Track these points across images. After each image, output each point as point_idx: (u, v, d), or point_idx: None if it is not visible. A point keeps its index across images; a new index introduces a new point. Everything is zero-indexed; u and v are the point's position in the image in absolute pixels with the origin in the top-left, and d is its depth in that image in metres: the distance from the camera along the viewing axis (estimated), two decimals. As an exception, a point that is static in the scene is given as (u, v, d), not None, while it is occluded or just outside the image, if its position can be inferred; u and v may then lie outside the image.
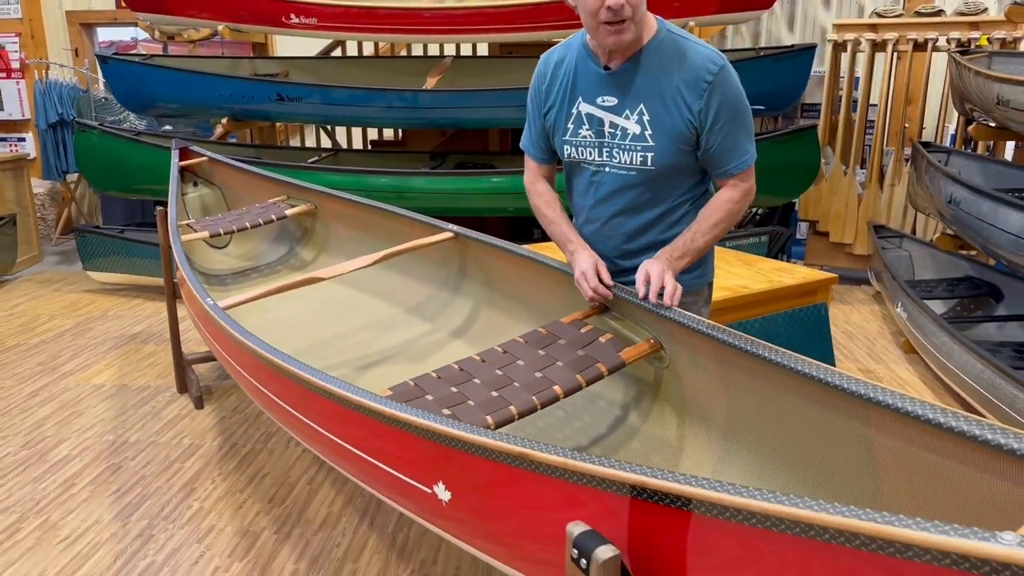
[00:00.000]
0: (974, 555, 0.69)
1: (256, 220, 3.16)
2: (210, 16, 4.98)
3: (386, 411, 1.30)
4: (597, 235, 1.83)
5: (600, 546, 0.95)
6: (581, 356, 1.68)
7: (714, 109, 1.61)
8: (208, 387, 3.57)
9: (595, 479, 1.03)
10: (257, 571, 2.28)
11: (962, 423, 0.94)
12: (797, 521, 0.83)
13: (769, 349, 1.31)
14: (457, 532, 1.33)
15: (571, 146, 1.77)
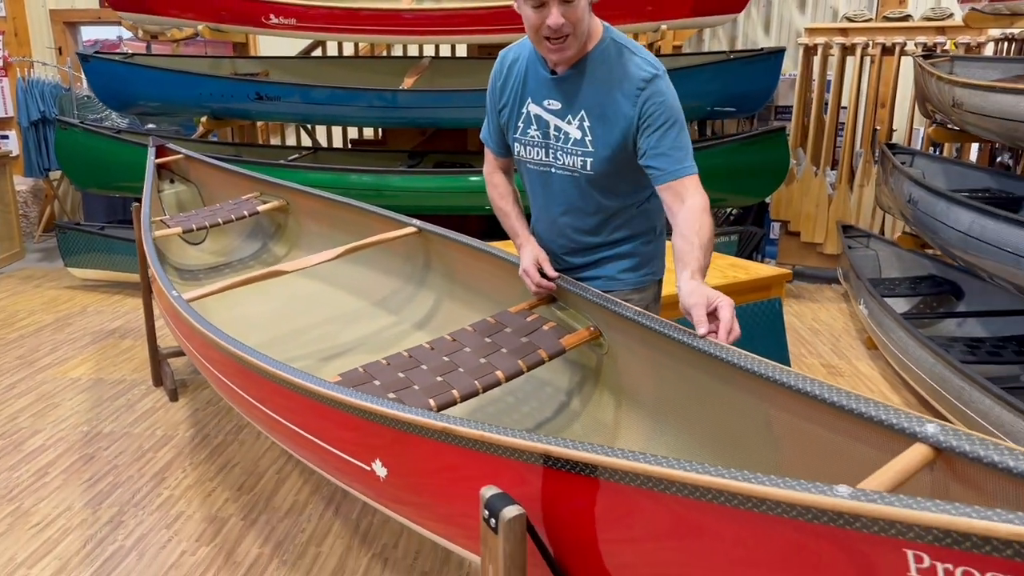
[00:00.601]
0: (815, 505, 0.78)
1: (228, 216, 3.23)
2: (191, 16, 5.04)
3: (326, 393, 1.37)
4: (548, 232, 1.90)
5: (507, 506, 1.03)
6: (524, 343, 1.77)
7: (649, 114, 1.62)
8: (183, 380, 3.63)
9: (510, 450, 1.11)
10: (223, 555, 2.35)
11: (835, 396, 1.03)
12: (681, 483, 0.91)
13: (687, 334, 1.40)
14: (394, 506, 1.41)
15: (520, 144, 1.82)
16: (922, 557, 0.72)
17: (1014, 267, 2.74)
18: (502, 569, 1.03)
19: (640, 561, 1.02)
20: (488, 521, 1.04)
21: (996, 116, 3.20)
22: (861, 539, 0.76)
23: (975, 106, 3.42)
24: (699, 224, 1.56)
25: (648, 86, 1.63)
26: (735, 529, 0.88)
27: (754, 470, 1.27)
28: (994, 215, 2.91)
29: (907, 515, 0.71)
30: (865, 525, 0.75)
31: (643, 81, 1.63)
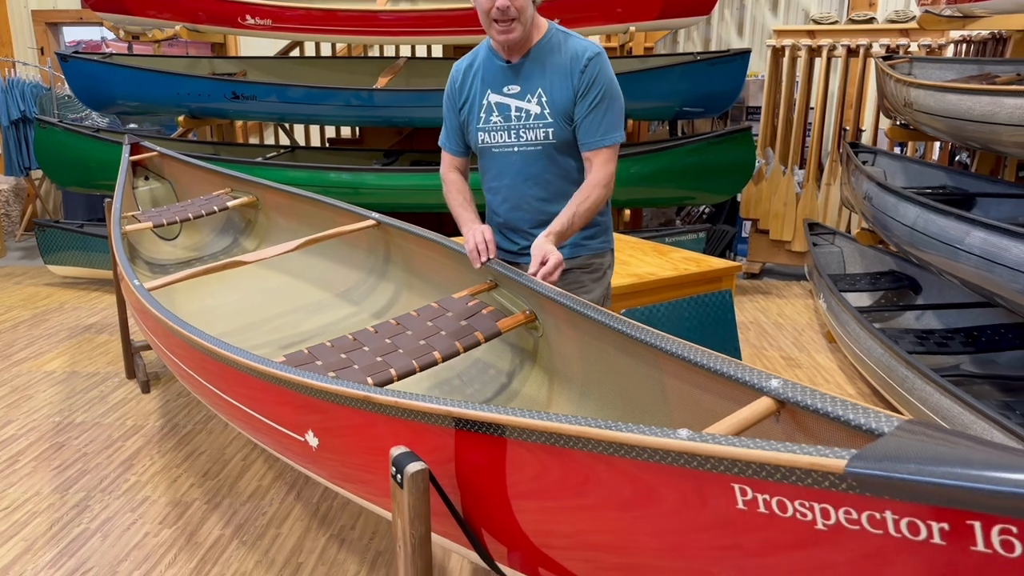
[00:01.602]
0: (660, 447, 0.87)
1: (199, 211, 3.31)
2: (168, 16, 5.11)
3: (262, 369, 1.46)
4: (513, 212, 2.06)
5: (412, 462, 1.12)
6: (463, 326, 1.86)
7: (585, 85, 1.89)
8: (156, 373, 3.71)
9: (423, 414, 1.20)
10: (184, 537, 2.43)
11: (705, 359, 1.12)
12: (558, 434, 1.00)
13: (607, 315, 1.49)
14: (326, 474, 1.49)
15: (484, 132, 2.01)
16: (746, 490, 0.82)
17: (953, 260, 2.85)
18: (407, 520, 1.12)
19: (534, 506, 1.11)
20: (395, 477, 1.13)
21: (942, 115, 3.31)
22: (699, 476, 0.85)
23: (925, 105, 3.53)
24: (584, 196, 1.91)
25: (590, 63, 1.90)
26: (601, 472, 0.97)
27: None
28: (936, 210, 3.02)
29: (729, 452, 0.80)
30: (700, 463, 0.84)
31: (587, 58, 1.91)
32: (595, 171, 1.93)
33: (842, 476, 0.73)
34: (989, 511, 0.65)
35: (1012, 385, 3.06)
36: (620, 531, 1.00)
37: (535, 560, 1.17)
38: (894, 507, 0.71)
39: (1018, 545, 0.65)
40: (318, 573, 2.25)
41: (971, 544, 0.68)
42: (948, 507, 0.67)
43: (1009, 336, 3.39)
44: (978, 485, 0.65)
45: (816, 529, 0.77)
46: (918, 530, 0.70)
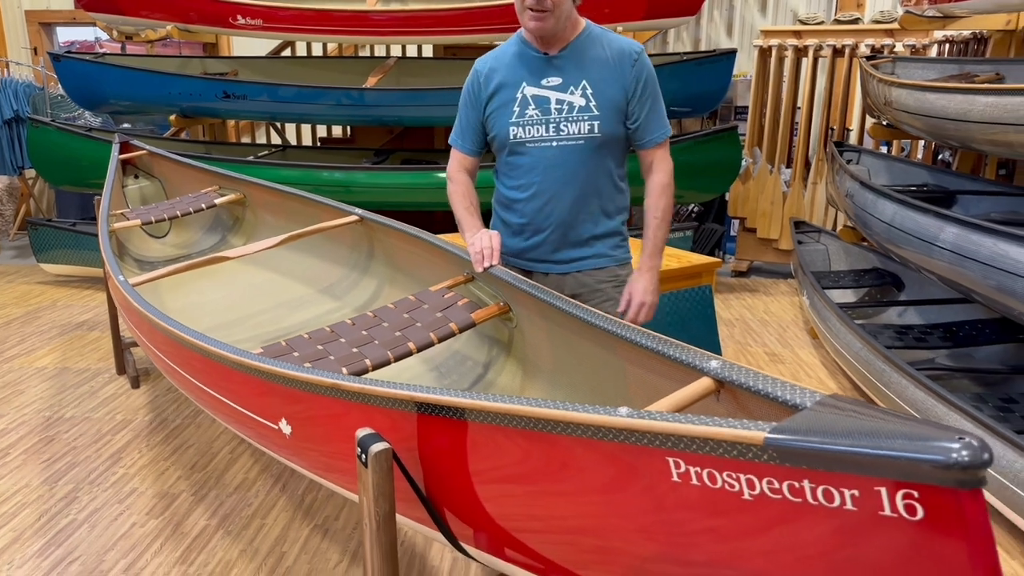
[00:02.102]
0: (603, 424, 0.92)
1: (187, 208, 3.35)
2: (160, 16, 5.15)
3: (237, 359, 1.50)
4: (543, 210, 1.98)
5: (376, 443, 1.16)
6: (439, 318, 1.90)
7: (640, 81, 1.90)
8: (146, 369, 3.75)
9: (388, 399, 1.24)
10: (171, 527, 2.48)
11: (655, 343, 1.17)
12: (513, 415, 1.04)
13: (573, 305, 1.54)
14: (300, 461, 1.54)
15: (518, 126, 1.94)
16: (680, 463, 0.86)
17: (928, 255, 2.90)
18: (371, 498, 1.16)
19: (494, 486, 1.16)
20: (360, 457, 1.18)
21: (920, 113, 3.36)
22: (638, 451, 0.90)
23: (904, 104, 3.58)
24: (661, 201, 1.98)
25: (639, 58, 1.92)
26: (551, 452, 1.02)
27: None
28: (912, 206, 3.07)
29: (661, 426, 0.85)
30: (638, 439, 0.89)
31: (635, 54, 1.91)
32: (659, 170, 1.96)
33: (763, 447, 0.77)
34: (892, 477, 0.70)
35: (987, 379, 3.11)
36: (570, 508, 1.04)
37: (499, 540, 1.22)
38: (811, 476, 0.75)
39: (920, 509, 0.70)
40: (301, 562, 2.30)
41: (879, 509, 0.72)
42: (857, 474, 0.72)
43: (986, 331, 3.44)
44: (882, 452, 0.69)
45: (743, 499, 0.82)
46: (832, 497, 0.75)
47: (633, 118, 1.92)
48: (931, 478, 0.67)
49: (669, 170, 1.98)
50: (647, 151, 1.97)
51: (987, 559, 0.68)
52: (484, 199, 2.09)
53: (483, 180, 2.13)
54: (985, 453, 0.65)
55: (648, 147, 1.97)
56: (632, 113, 1.92)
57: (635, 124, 1.93)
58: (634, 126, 1.93)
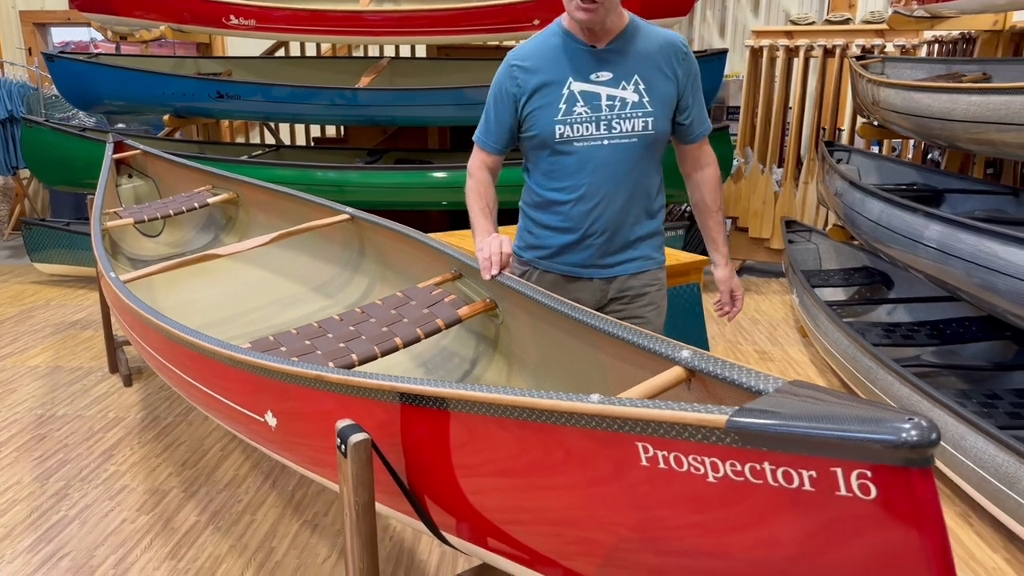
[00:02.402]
0: (575, 411, 0.94)
1: (180, 208, 3.37)
2: (154, 16, 5.17)
3: (222, 352, 1.52)
4: (588, 215, 1.86)
5: (355, 433, 1.18)
6: (425, 314, 1.92)
7: (690, 75, 1.86)
8: (138, 367, 3.76)
9: (371, 391, 1.26)
10: (161, 523, 2.49)
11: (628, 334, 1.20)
12: (492, 404, 1.07)
13: (549, 297, 1.56)
14: (285, 453, 1.56)
15: (565, 125, 1.81)
16: (648, 447, 0.88)
17: (913, 253, 2.92)
18: (351, 488, 1.18)
19: (475, 475, 1.18)
20: (340, 448, 1.20)
21: (907, 113, 3.39)
22: (609, 437, 0.92)
23: (891, 104, 3.61)
24: (717, 195, 1.99)
25: (687, 51, 1.87)
26: (528, 438, 1.04)
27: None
28: (898, 204, 3.09)
29: (630, 412, 0.87)
30: (609, 424, 0.91)
31: (683, 46, 1.87)
32: (709, 163, 1.96)
33: (725, 431, 0.79)
34: (847, 457, 0.72)
35: (972, 375, 3.14)
36: (547, 495, 1.06)
37: (479, 529, 1.24)
38: (771, 458, 0.78)
39: (873, 488, 0.72)
40: (290, 557, 2.31)
41: (836, 489, 0.74)
42: (814, 455, 0.74)
43: (973, 329, 3.47)
44: (836, 433, 0.72)
45: (708, 482, 0.84)
46: (792, 478, 0.77)
47: (685, 113, 1.87)
48: (882, 458, 0.70)
49: (716, 162, 1.99)
50: (695, 145, 1.94)
51: (936, 536, 0.71)
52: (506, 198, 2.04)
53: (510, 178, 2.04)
54: (933, 433, 0.68)
55: (697, 141, 1.94)
56: (684, 108, 1.86)
57: (687, 119, 1.88)
58: (687, 121, 1.88)
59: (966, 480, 2.48)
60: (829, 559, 0.78)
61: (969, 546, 2.37)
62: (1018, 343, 3.29)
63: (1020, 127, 2.45)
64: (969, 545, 2.37)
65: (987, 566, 2.27)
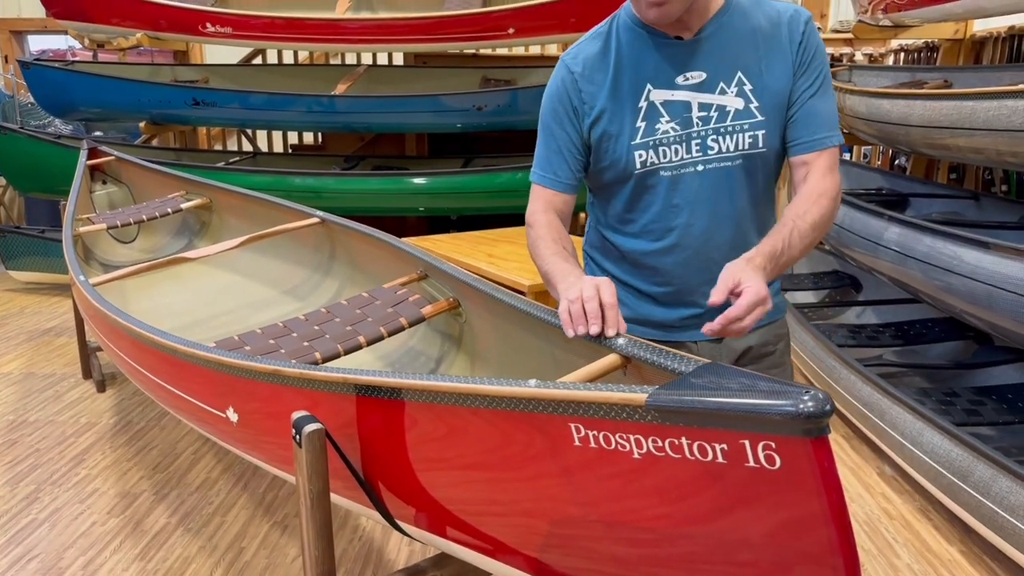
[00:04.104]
0: (514, 396, 0.98)
1: (153, 213, 3.39)
2: (130, 24, 5.18)
3: (182, 349, 1.55)
4: (686, 267, 1.40)
5: (309, 423, 1.22)
6: (389, 313, 1.96)
7: (809, 57, 1.34)
8: (112, 373, 3.76)
9: (327, 383, 1.30)
10: (131, 525, 2.50)
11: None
12: (439, 392, 1.10)
13: (507, 294, 1.60)
14: (247, 448, 1.59)
15: (647, 149, 1.35)
16: (580, 428, 0.93)
17: (874, 255, 3.00)
18: (306, 477, 1.22)
19: (430, 465, 1.22)
20: (295, 438, 1.23)
21: (869, 119, 3.48)
22: (546, 419, 0.96)
23: (856, 110, 3.70)
24: (804, 208, 1.29)
25: (808, 27, 1.35)
26: (474, 424, 1.08)
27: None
28: (858, 208, 3.17)
29: (563, 394, 0.91)
30: (545, 407, 0.95)
31: (804, 22, 1.35)
32: (816, 178, 1.32)
33: (646, 408, 0.84)
34: (752, 430, 0.77)
35: (933, 375, 3.21)
36: (490, 480, 1.11)
37: (433, 517, 1.28)
38: (687, 433, 0.82)
39: (778, 458, 0.77)
40: (259, 557, 2.33)
41: (744, 461, 0.79)
42: (724, 429, 0.79)
43: (936, 329, 3.55)
44: (741, 406, 0.76)
45: (633, 458, 0.88)
46: (706, 452, 0.82)
47: (795, 105, 1.34)
48: (782, 428, 0.74)
49: (836, 185, 1.33)
50: (802, 157, 1.34)
51: (836, 503, 0.75)
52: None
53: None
54: (827, 404, 0.72)
55: (804, 151, 1.33)
56: (794, 99, 1.34)
57: (792, 116, 1.34)
58: (795, 118, 1.34)
59: (924, 475, 2.55)
60: (744, 529, 0.82)
61: (926, 539, 2.43)
62: (978, 343, 3.38)
63: (970, 131, 2.53)
64: (926, 538, 2.43)
65: (943, 558, 2.33)
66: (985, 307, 2.39)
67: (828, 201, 1.31)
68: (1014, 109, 2.37)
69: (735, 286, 1.11)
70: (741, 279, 1.11)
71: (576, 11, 4.97)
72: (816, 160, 1.33)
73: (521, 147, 5.77)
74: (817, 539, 0.77)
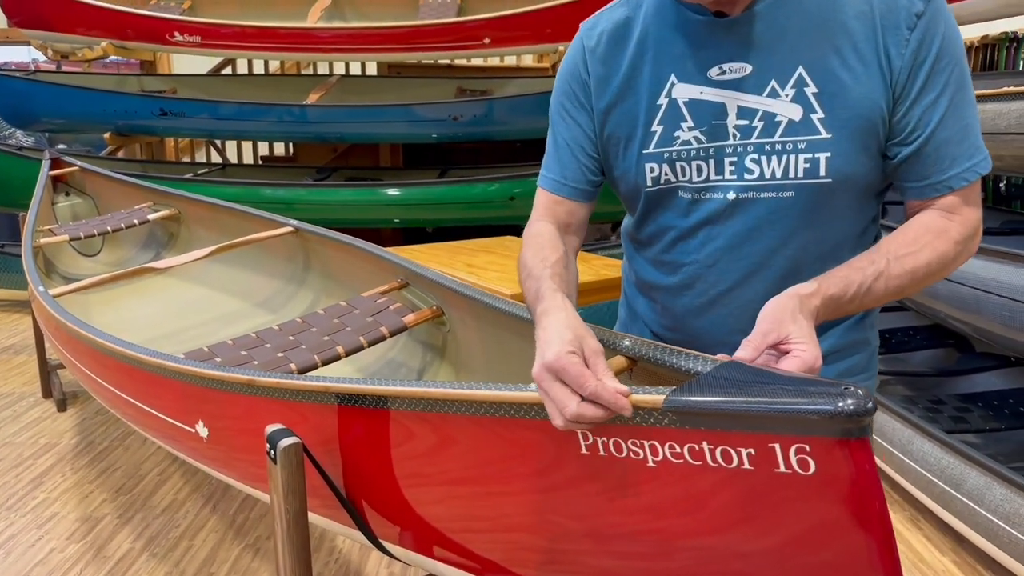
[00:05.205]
0: (518, 401, 0.90)
1: (118, 224, 3.26)
2: (96, 33, 5.05)
3: (150, 360, 1.45)
4: (701, 315, 1.07)
5: (285, 437, 1.12)
6: (369, 322, 1.87)
7: (929, 56, 0.92)
8: (73, 391, 3.60)
9: (306, 393, 1.21)
10: (92, 551, 2.36)
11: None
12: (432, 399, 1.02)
13: (494, 298, 1.53)
14: (218, 465, 1.48)
15: (659, 163, 1.02)
16: (587, 435, 0.85)
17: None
18: (282, 496, 1.12)
19: (420, 480, 1.13)
20: (269, 454, 1.14)
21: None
22: (549, 427, 0.88)
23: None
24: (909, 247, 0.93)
25: (928, 8, 0.92)
26: (471, 432, 0.99)
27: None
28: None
29: (567, 397, 0.83)
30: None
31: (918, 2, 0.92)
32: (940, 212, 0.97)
33: (663, 411, 0.77)
34: (784, 432, 0.70)
35: (917, 382, 3.19)
36: (490, 495, 1.02)
37: (424, 537, 1.19)
38: (709, 437, 0.75)
39: (812, 463, 0.70)
40: (230, 582, 2.21)
41: (774, 467, 0.72)
42: (751, 432, 0.72)
43: (918, 337, 3.54)
44: (773, 406, 0.69)
45: (648, 466, 0.81)
46: (731, 458, 0.74)
47: (903, 135, 0.95)
48: (818, 429, 0.67)
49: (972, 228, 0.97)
50: (926, 202, 0.98)
51: (878, 513, 0.68)
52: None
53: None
54: (869, 401, 0.66)
55: (929, 195, 0.97)
56: (902, 126, 0.94)
57: (912, 144, 0.95)
58: (907, 149, 0.95)
59: (914, 484, 2.51)
60: (772, 542, 0.75)
61: (918, 549, 2.38)
62: (960, 350, 3.37)
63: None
64: (918, 548, 2.38)
65: (936, 568, 2.28)
66: (973, 311, 2.36)
67: (948, 245, 0.93)
68: (997, 112, 2.37)
69: (778, 341, 0.80)
70: (790, 334, 0.79)
71: (552, 21, 4.95)
72: (952, 202, 0.96)
73: (498, 158, 5.72)
74: (856, 553, 0.69)
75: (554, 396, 0.78)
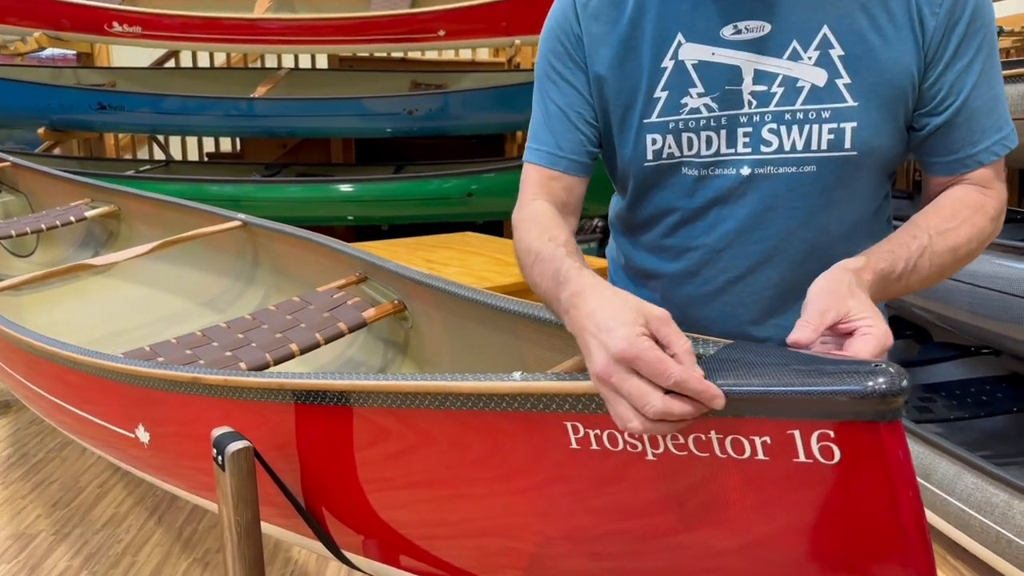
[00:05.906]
0: (497, 391, 0.82)
1: (53, 222, 3.06)
2: (29, 23, 4.78)
3: (85, 360, 1.32)
4: (707, 304, 0.98)
5: (234, 442, 1.01)
6: (326, 318, 1.76)
7: (963, 24, 0.85)
8: (6, 401, 3.38)
9: (258, 391, 1.10)
10: (27, 570, 2.19)
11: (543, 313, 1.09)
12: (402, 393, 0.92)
13: (462, 287, 1.44)
14: (161, 475, 1.36)
15: (663, 134, 0.92)
16: (578, 427, 0.77)
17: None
18: (231, 506, 1.01)
19: (382, 480, 1.03)
20: (216, 460, 1.02)
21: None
22: (534, 419, 0.80)
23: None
24: (950, 222, 0.86)
25: None
26: (444, 429, 0.90)
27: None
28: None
29: (558, 387, 0.75)
30: (534, 404, 0.79)
31: None
32: (972, 187, 0.91)
33: (665, 398, 0.68)
34: (805, 417, 0.62)
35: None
36: (465, 496, 0.93)
37: (394, 546, 1.09)
38: (716, 425, 0.67)
39: (837, 451, 0.62)
40: (177, 599, 2.07)
41: (793, 456, 0.64)
42: (766, 418, 0.64)
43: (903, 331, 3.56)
44: (792, 388, 0.62)
45: (647, 460, 0.73)
46: (742, 448, 0.67)
47: (934, 103, 0.88)
48: (846, 412, 0.60)
49: (998, 199, 0.91)
50: (952, 178, 0.92)
51: (913, 504, 0.61)
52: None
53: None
54: (904, 379, 0.58)
55: (963, 170, 0.90)
56: (930, 96, 0.88)
57: (943, 114, 0.88)
58: (938, 119, 0.88)
59: (882, 474, 2.49)
60: (790, 539, 0.67)
61: (888, 539, 2.36)
62: (919, 341, 3.39)
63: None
64: (888, 538, 2.37)
65: None
66: (941, 300, 2.36)
67: (985, 220, 0.87)
68: None
69: (837, 320, 0.68)
70: (851, 311, 0.68)
71: (508, 14, 4.87)
72: (982, 177, 0.90)
73: (454, 154, 5.61)
74: (887, 550, 0.62)
75: (630, 392, 0.63)
